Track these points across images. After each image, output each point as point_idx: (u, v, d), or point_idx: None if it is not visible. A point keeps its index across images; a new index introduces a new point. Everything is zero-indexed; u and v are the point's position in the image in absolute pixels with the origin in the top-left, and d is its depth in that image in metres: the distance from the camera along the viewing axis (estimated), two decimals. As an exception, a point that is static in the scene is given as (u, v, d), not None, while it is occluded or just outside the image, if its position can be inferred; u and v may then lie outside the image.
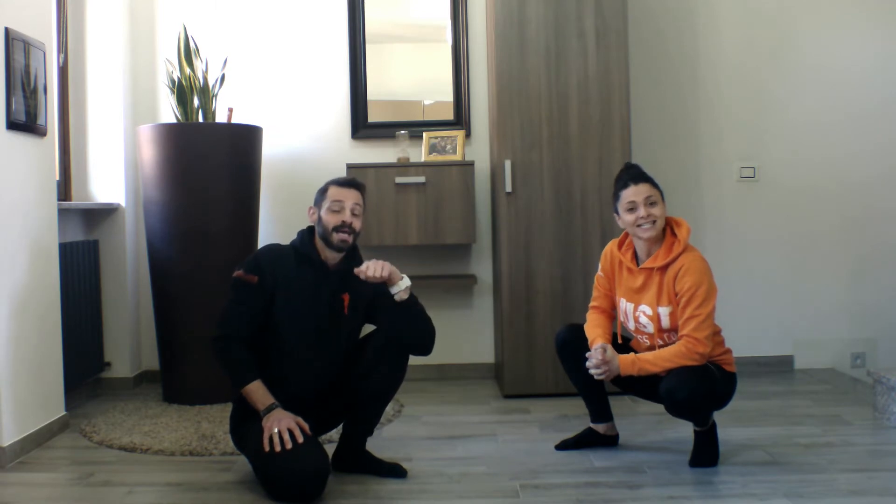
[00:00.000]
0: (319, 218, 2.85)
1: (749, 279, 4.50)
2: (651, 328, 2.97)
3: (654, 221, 2.93)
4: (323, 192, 2.89)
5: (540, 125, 3.98)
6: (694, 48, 4.52)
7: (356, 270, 2.76)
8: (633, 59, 4.32)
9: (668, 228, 3.00)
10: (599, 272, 3.16)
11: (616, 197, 3.01)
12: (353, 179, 2.92)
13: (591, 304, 3.18)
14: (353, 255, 2.91)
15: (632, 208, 2.94)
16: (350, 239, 2.84)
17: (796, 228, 4.52)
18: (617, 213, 3.01)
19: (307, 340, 2.83)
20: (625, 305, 3.06)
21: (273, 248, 2.89)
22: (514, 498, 2.68)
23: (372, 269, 2.74)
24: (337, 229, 2.81)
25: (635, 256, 3.04)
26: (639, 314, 2.99)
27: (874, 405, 3.54)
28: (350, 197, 2.85)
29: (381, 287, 2.84)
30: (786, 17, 4.51)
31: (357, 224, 2.85)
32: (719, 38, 4.51)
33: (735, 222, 4.52)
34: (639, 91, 4.42)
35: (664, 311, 2.93)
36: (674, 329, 2.93)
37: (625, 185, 2.98)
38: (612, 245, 3.13)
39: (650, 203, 2.93)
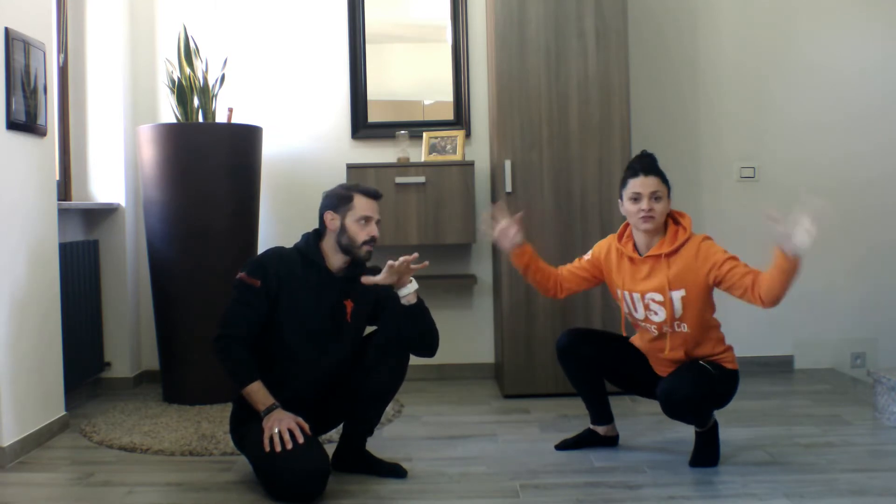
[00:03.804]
0: (343, 226, 2.82)
1: (749, 279, 4.50)
2: (662, 315, 2.91)
3: (654, 217, 2.90)
4: (347, 200, 2.83)
5: (540, 125, 3.98)
6: (694, 48, 4.52)
7: (363, 279, 2.75)
8: (633, 59, 4.32)
9: (671, 219, 2.97)
10: (588, 256, 3.11)
11: (623, 183, 2.97)
12: (377, 191, 2.90)
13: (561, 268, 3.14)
14: (356, 263, 2.90)
15: (636, 199, 2.91)
16: (372, 249, 2.85)
17: (796, 228, 4.52)
18: (621, 199, 2.98)
19: (309, 344, 2.83)
20: (629, 296, 2.99)
21: (278, 252, 2.88)
22: (514, 498, 2.68)
23: (381, 275, 2.73)
24: (366, 242, 2.81)
25: (635, 247, 2.99)
26: (648, 301, 2.93)
27: (874, 405, 3.55)
28: (377, 210, 2.86)
29: (385, 289, 2.84)
30: (786, 17, 4.51)
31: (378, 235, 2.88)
32: (719, 38, 4.51)
33: (735, 222, 4.52)
34: (639, 91, 4.42)
35: (677, 295, 2.88)
36: (686, 317, 2.89)
37: (634, 174, 2.93)
38: (611, 239, 3.08)
39: (655, 198, 2.89)
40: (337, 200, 2.85)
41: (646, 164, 2.95)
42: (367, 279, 2.76)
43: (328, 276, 2.84)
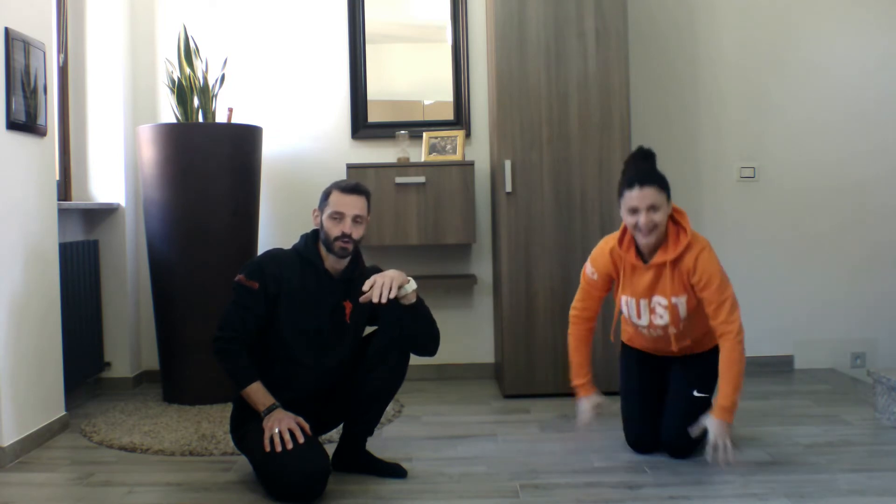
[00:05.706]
0: (322, 223, 2.82)
1: (749, 279, 4.50)
2: (666, 318, 2.92)
3: (655, 227, 2.84)
4: (326, 195, 2.83)
5: (540, 125, 3.98)
6: (694, 48, 4.52)
7: (361, 299, 2.69)
8: (633, 59, 4.32)
9: (669, 219, 2.91)
10: (592, 273, 3.03)
11: (620, 191, 2.90)
12: (357, 185, 2.83)
13: (575, 310, 3.09)
14: (355, 263, 2.88)
15: (633, 211, 2.85)
16: (350, 246, 2.79)
17: (796, 228, 4.52)
18: (620, 205, 2.92)
19: (309, 345, 2.82)
20: (634, 302, 2.96)
21: (276, 255, 2.87)
22: (514, 498, 2.68)
23: (377, 291, 2.63)
24: (337, 238, 2.78)
25: (638, 253, 2.95)
26: (654, 305, 2.93)
27: (874, 405, 3.55)
28: (352, 205, 2.78)
29: None
30: (786, 18, 4.51)
31: (358, 233, 2.79)
32: (719, 38, 4.51)
33: (735, 222, 4.52)
34: (639, 91, 4.42)
35: (680, 301, 2.89)
36: (690, 319, 2.92)
37: (630, 186, 2.84)
38: (611, 245, 2.98)
39: (653, 209, 2.82)
40: (322, 197, 2.85)
41: (642, 173, 2.85)
42: (364, 299, 2.71)
43: (327, 277, 2.83)
